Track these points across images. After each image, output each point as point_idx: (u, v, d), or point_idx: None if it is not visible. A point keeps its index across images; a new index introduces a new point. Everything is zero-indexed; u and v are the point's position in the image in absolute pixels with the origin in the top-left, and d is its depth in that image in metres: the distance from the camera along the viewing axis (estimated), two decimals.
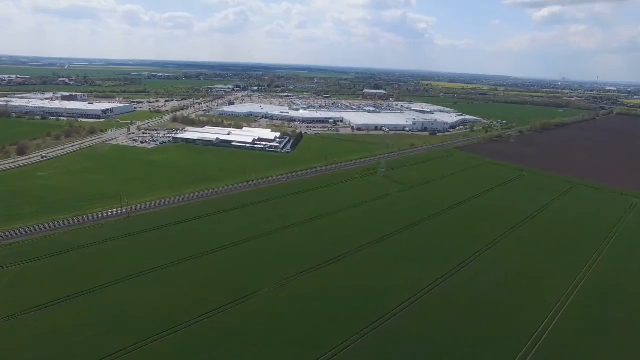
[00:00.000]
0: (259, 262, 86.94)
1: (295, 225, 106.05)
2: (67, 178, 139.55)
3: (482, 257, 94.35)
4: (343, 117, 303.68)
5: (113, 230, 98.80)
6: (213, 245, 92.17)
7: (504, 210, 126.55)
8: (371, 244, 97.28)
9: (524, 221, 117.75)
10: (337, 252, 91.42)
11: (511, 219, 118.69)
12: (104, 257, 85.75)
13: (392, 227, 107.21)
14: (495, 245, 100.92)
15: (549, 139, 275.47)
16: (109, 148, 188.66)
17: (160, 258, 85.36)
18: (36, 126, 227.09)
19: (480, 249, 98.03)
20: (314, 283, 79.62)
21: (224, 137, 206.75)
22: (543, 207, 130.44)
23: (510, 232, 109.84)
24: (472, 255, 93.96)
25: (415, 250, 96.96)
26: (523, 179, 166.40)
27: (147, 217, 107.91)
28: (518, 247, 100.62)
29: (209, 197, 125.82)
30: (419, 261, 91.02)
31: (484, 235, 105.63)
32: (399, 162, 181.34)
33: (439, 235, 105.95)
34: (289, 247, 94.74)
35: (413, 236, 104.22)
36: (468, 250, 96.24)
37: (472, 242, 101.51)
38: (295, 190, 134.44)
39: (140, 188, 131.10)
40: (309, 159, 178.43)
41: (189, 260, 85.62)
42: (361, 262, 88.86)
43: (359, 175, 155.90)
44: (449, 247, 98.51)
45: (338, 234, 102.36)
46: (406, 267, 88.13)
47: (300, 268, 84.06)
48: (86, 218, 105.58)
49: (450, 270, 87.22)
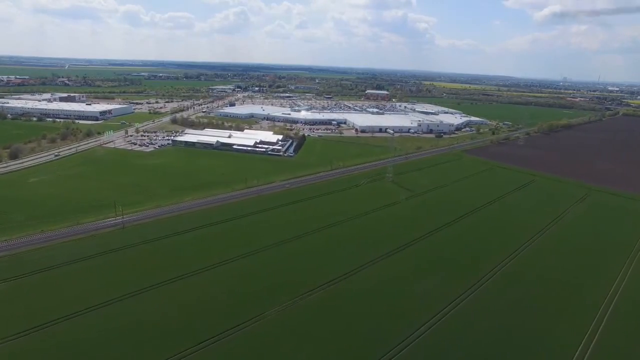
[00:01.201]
0: (261, 280, 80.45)
1: (300, 237, 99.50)
2: (61, 184, 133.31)
3: (506, 269, 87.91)
4: (346, 119, 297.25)
5: (106, 242, 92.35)
6: (212, 260, 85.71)
7: (520, 219, 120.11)
8: (383, 258, 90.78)
9: (543, 231, 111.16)
10: (346, 268, 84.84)
11: (530, 228, 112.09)
12: (95, 274, 79.30)
13: (402, 239, 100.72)
14: (517, 257, 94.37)
15: (557, 141, 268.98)
16: (105, 151, 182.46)
17: (155, 275, 78.92)
18: (32, 128, 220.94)
19: (502, 260, 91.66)
20: (325, 303, 73.17)
21: (224, 140, 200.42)
22: (560, 216, 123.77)
23: (530, 242, 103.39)
24: (493, 269, 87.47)
25: (430, 263, 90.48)
26: (535, 184, 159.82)
27: (142, 228, 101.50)
28: (541, 260, 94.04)
29: (209, 205, 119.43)
30: (436, 275, 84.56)
31: (504, 247, 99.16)
32: (406, 166, 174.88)
33: (455, 246, 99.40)
34: (294, 262, 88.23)
35: (427, 248, 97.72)
36: (487, 264, 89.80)
37: (492, 254, 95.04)
38: (299, 198, 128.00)
39: (136, 195, 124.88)
40: (313, 163, 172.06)
41: (186, 278, 79.16)
42: (374, 279, 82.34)
43: (365, 181, 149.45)
44: (466, 260, 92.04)
45: (347, 247, 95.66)
46: (422, 282, 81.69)
47: (308, 286, 77.63)
48: (78, 229, 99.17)
49: (473, 285, 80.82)
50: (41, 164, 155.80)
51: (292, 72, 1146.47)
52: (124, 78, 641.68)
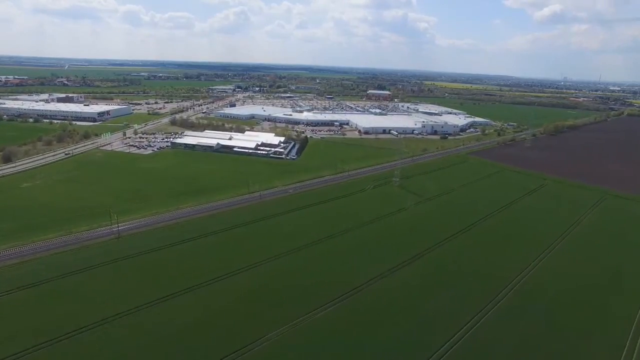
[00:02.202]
0: (264, 296, 75.13)
1: (304, 248, 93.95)
2: (55, 189, 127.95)
3: (525, 282, 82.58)
4: (349, 120, 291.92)
5: (100, 254, 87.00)
6: (211, 274, 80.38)
7: (536, 227, 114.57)
8: (392, 271, 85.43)
9: (561, 239, 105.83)
10: (353, 283, 79.45)
11: (546, 236, 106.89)
12: (87, 290, 73.94)
13: (412, 249, 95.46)
14: (536, 268, 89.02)
15: (564, 143, 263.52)
16: (102, 154, 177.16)
17: (150, 291, 73.66)
18: (27, 130, 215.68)
19: (520, 272, 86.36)
20: (329, 325, 67.88)
21: (225, 142, 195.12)
22: (577, 222, 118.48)
23: (548, 251, 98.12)
24: (511, 282, 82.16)
25: (442, 276, 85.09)
26: (547, 188, 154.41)
27: (139, 238, 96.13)
28: (562, 271, 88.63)
29: (209, 212, 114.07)
30: (450, 291, 79.21)
31: (521, 257, 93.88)
32: (413, 169, 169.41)
33: (468, 256, 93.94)
34: (298, 277, 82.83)
35: (438, 259, 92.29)
36: (504, 276, 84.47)
37: (509, 265, 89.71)
38: (302, 204, 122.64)
39: (133, 201, 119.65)
40: (316, 166, 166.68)
41: (184, 294, 73.87)
42: (382, 296, 76.93)
43: (371, 185, 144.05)
44: (481, 272, 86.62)
45: (352, 260, 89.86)
46: (435, 298, 76.38)
47: (315, 304, 72.34)
48: (71, 238, 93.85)
49: (491, 300, 75.57)
50: (36, 168, 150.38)
51: (292, 72, 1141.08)
52: (123, 78, 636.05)
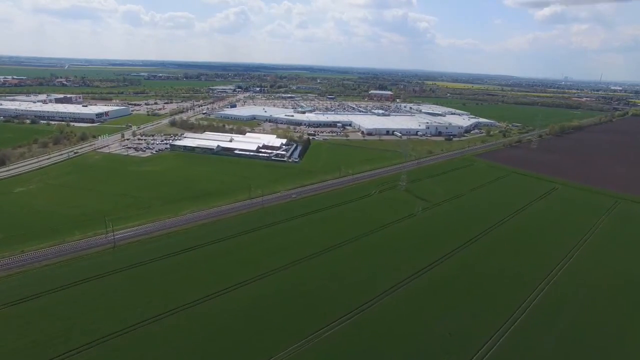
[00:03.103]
0: (269, 314, 70.42)
1: (308, 258, 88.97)
2: (49, 195, 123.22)
3: (547, 294, 77.80)
4: (351, 121, 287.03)
5: (94, 266, 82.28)
6: (211, 288, 75.69)
7: (550, 234, 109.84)
8: (401, 285, 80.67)
9: (578, 246, 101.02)
10: (359, 299, 74.56)
11: (563, 244, 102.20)
12: (77, 307, 68.90)
13: (422, 259, 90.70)
14: (555, 279, 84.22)
15: (571, 144, 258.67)
16: (99, 157, 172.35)
17: (146, 308, 68.97)
18: (23, 131, 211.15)
19: (539, 284, 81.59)
20: (340, 345, 63.17)
21: (225, 145, 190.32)
22: (593, 229, 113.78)
23: (566, 260, 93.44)
24: (531, 294, 77.35)
25: (456, 290, 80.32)
26: (557, 192, 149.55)
27: (135, 248, 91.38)
28: (584, 281, 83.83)
29: (209, 219, 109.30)
30: (465, 307, 74.45)
31: (539, 267, 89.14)
32: (419, 172, 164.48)
33: (482, 267, 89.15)
34: (303, 290, 77.96)
35: (451, 270, 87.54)
36: (523, 289, 79.72)
37: (526, 276, 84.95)
38: (306, 210, 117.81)
39: (131, 206, 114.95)
40: (320, 169, 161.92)
41: (182, 311, 69.14)
42: (392, 313, 72.17)
43: (377, 190, 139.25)
44: (497, 285, 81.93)
45: (359, 273, 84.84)
46: (448, 316, 71.62)
47: (328, 318, 67.64)
48: (64, 248, 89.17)
49: (510, 316, 70.81)
50: (30, 172, 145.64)
51: (292, 72, 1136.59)
52: (123, 78, 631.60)
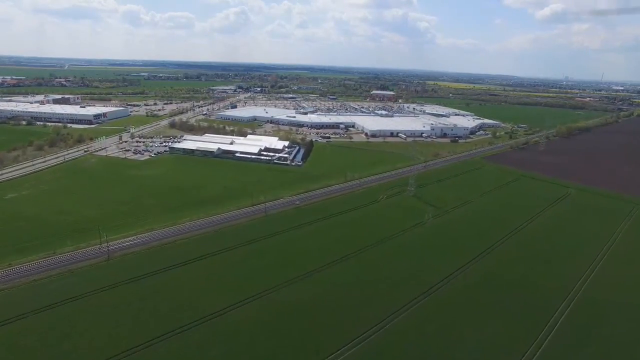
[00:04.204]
0: (278, 336, 64.92)
1: (314, 273, 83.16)
2: (42, 201, 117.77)
3: (576, 307, 72.30)
4: (354, 122, 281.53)
5: (85, 281, 76.76)
6: (212, 305, 70.22)
7: (570, 241, 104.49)
8: (417, 300, 75.19)
9: (602, 255, 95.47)
10: (372, 320, 68.95)
11: (585, 254, 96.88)
12: (65, 329, 63.52)
13: (437, 272, 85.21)
14: (582, 291, 78.71)
15: (579, 146, 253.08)
16: (96, 160, 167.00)
17: (142, 329, 63.54)
18: (19, 133, 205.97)
19: (565, 298, 76.01)
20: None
21: (226, 147, 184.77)
22: (615, 236, 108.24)
23: (590, 271, 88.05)
24: (557, 309, 71.81)
25: (478, 305, 74.80)
26: (571, 197, 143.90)
27: (131, 260, 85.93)
28: (615, 294, 78.36)
29: (209, 227, 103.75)
30: (490, 322, 68.93)
31: (563, 279, 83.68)
32: (426, 176, 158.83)
33: (502, 279, 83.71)
34: (316, 308, 72.41)
35: (469, 283, 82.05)
36: (549, 303, 74.22)
37: (551, 289, 79.42)
38: (311, 218, 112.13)
39: (127, 214, 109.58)
40: (324, 173, 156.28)
41: (181, 333, 63.66)
42: (411, 333, 66.74)
43: (384, 196, 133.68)
44: (520, 298, 76.37)
45: (369, 289, 79.15)
46: (473, 333, 66.13)
47: (340, 340, 62.15)
48: (54, 261, 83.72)
49: (541, 332, 65.21)
50: (23, 176, 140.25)
51: (293, 72, 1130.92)
52: (122, 78, 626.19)
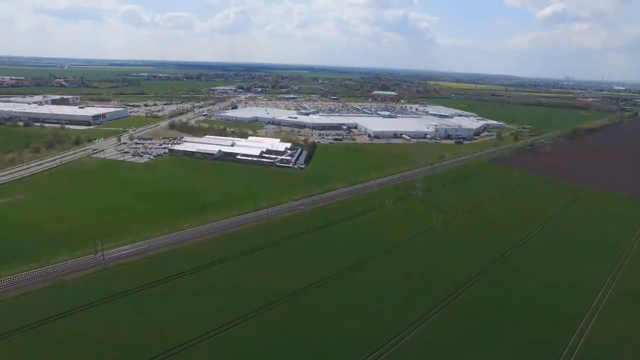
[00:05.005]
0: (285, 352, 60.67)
1: (323, 283, 79.12)
2: (36, 206, 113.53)
3: (600, 320, 68.09)
4: (357, 123, 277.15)
5: (78, 294, 72.43)
6: (213, 321, 65.91)
7: (588, 249, 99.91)
8: (430, 315, 70.91)
9: (620, 267, 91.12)
10: (381, 339, 64.82)
11: (605, 263, 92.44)
12: (54, 351, 59.34)
13: (450, 283, 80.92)
14: (604, 302, 74.52)
15: (586, 148, 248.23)
16: (93, 163, 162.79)
17: (138, 349, 59.28)
18: (16, 135, 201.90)
19: (589, 308, 71.78)
20: None
21: (227, 149, 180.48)
22: (632, 242, 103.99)
23: (611, 280, 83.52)
24: (586, 327, 67.58)
25: (494, 319, 70.52)
26: (582, 201, 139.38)
27: (128, 270, 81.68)
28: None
29: (210, 234, 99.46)
30: (513, 339, 64.66)
31: (586, 291, 79.43)
32: (432, 179, 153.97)
33: (523, 291, 79.45)
34: (321, 324, 68.23)
35: (486, 296, 77.76)
36: (575, 317, 69.95)
37: (577, 302, 75.18)
38: (316, 224, 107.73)
39: (124, 220, 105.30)
40: (327, 176, 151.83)
41: (180, 352, 59.40)
42: (441, 339, 62.51)
43: (390, 200, 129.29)
44: (544, 311, 72.12)
45: (378, 303, 74.53)
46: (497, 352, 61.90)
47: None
48: (46, 272, 79.43)
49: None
50: (18, 180, 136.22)
51: (293, 72, 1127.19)
52: (122, 79, 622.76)
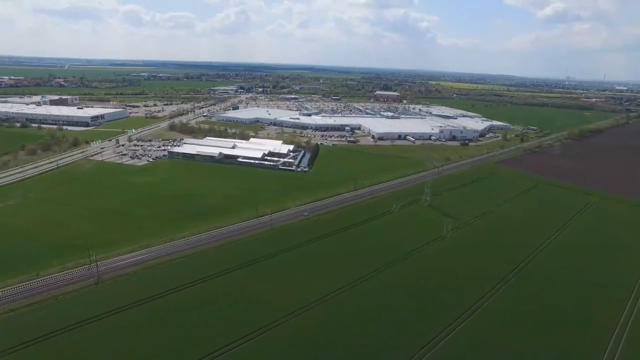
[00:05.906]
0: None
1: (322, 301, 73.76)
2: (30, 212, 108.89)
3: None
4: (360, 124, 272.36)
5: (69, 310, 67.70)
6: (214, 341, 61.23)
7: (605, 258, 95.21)
8: (446, 333, 66.14)
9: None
10: (410, 350, 60.21)
11: (623, 268, 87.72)
12: None
13: (466, 296, 76.21)
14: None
15: (594, 149, 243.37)
16: (91, 165, 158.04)
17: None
18: (12, 136, 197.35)
19: (618, 319, 66.97)
20: None
21: (228, 152, 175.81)
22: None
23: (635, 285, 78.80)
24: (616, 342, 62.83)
25: (519, 328, 65.77)
26: (596, 206, 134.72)
27: (122, 284, 76.89)
28: None
29: (210, 243, 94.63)
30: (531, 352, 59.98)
31: (611, 301, 74.65)
32: (440, 183, 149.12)
33: (544, 302, 74.66)
34: (320, 343, 63.52)
35: (505, 308, 72.95)
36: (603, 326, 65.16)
37: (607, 313, 70.44)
38: (320, 232, 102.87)
39: (120, 228, 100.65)
40: (331, 180, 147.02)
41: None
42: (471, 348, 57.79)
43: (398, 206, 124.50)
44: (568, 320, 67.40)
45: (389, 319, 69.77)
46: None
47: None
48: (36, 285, 74.71)
49: None
50: (12, 183, 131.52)
51: (294, 72, 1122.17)
52: (122, 79, 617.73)
